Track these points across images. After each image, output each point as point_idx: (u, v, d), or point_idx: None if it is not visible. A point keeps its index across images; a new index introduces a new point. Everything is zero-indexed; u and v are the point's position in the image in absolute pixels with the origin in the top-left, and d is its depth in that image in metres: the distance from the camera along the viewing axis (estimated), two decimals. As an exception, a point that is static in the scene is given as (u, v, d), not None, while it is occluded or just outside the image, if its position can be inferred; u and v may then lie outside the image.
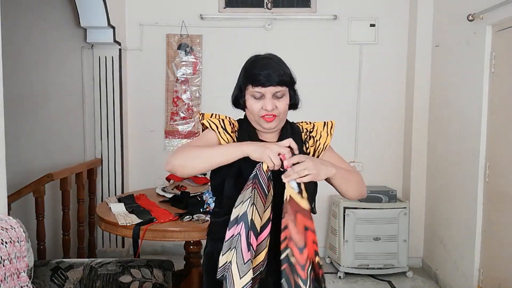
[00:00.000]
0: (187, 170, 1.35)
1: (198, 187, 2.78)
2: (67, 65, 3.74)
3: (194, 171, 1.36)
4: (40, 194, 2.90)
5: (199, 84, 3.86)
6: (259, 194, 1.28)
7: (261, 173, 1.29)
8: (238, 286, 1.24)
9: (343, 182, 1.41)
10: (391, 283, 3.39)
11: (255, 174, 1.30)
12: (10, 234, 1.72)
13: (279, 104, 1.41)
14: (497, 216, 2.65)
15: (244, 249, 1.23)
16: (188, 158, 1.34)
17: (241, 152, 1.30)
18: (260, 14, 3.79)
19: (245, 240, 1.24)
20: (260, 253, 1.29)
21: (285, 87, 1.43)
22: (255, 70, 1.41)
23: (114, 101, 3.67)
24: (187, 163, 1.34)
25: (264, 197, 1.29)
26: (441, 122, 3.39)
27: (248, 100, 1.44)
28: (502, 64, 2.62)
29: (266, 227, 1.30)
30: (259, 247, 1.29)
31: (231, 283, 1.25)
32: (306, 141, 1.51)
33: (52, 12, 3.70)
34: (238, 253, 1.24)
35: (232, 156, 1.31)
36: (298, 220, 1.26)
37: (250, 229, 1.24)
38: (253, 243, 1.25)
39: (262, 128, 1.46)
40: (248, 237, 1.24)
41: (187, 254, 2.72)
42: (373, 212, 3.42)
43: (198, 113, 1.51)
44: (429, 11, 3.54)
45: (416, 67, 3.61)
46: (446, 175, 3.29)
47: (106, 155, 3.71)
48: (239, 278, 1.24)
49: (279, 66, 1.42)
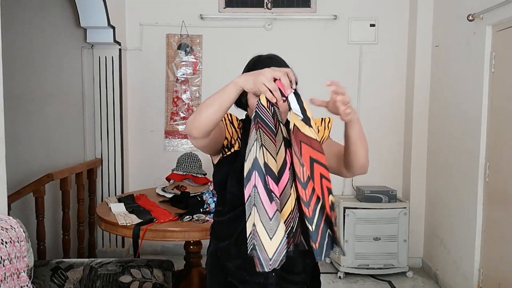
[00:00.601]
0: (197, 123, 1.23)
1: (198, 187, 2.78)
2: (67, 65, 3.74)
3: (203, 123, 1.22)
4: (40, 194, 2.90)
5: (199, 84, 3.86)
6: (266, 133, 1.13)
7: (261, 110, 1.16)
8: (271, 250, 1.08)
9: (360, 136, 1.28)
10: (391, 283, 3.38)
11: (255, 113, 1.17)
12: (10, 234, 1.72)
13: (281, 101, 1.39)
14: (497, 216, 2.65)
15: (266, 201, 1.07)
16: (196, 113, 1.25)
17: (235, 87, 1.20)
18: (260, 14, 3.79)
19: (264, 189, 1.08)
20: (286, 204, 1.13)
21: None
22: (258, 68, 1.39)
23: (114, 101, 3.67)
24: (195, 117, 1.24)
25: (273, 135, 1.14)
26: (441, 122, 3.39)
27: (250, 98, 1.43)
28: (502, 64, 2.62)
29: (284, 170, 1.14)
30: (283, 196, 1.12)
31: (261, 249, 1.08)
32: None
33: (52, 12, 3.70)
34: (260, 209, 1.08)
35: (229, 93, 1.21)
36: (303, 151, 1.11)
37: (266, 173, 1.09)
38: (274, 190, 1.09)
39: None
40: (266, 184, 1.08)
41: (187, 254, 2.72)
42: (373, 212, 3.42)
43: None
44: (429, 11, 3.54)
45: (416, 67, 3.61)
46: (446, 175, 3.29)
47: (106, 155, 3.71)
48: (269, 239, 1.07)
49: (281, 65, 1.41)
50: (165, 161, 3.61)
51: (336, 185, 3.60)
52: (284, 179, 1.14)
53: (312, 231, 1.11)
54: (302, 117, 1.13)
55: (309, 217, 1.10)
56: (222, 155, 1.45)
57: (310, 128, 1.12)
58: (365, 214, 3.42)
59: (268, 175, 1.09)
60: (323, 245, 1.13)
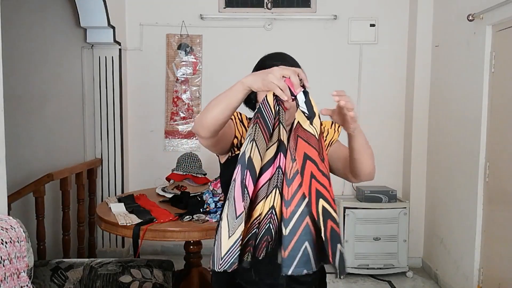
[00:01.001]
0: (204, 123, 1.20)
1: (198, 187, 2.78)
2: (67, 65, 3.74)
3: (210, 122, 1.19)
4: (40, 194, 2.90)
5: (199, 84, 3.86)
6: (261, 129, 1.09)
7: (264, 106, 1.12)
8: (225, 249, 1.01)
9: (363, 146, 1.27)
10: (391, 283, 3.38)
11: (258, 109, 1.13)
12: (10, 234, 1.72)
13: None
14: (497, 216, 2.65)
15: (238, 197, 1.01)
16: (203, 113, 1.22)
17: (242, 86, 1.14)
18: (260, 14, 3.79)
19: (239, 184, 1.02)
20: (257, 205, 1.05)
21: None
22: (267, 62, 1.40)
23: (114, 101, 3.67)
24: (203, 117, 1.20)
25: (267, 133, 1.09)
26: (441, 122, 3.39)
27: (259, 94, 1.40)
28: (502, 64, 2.62)
29: (266, 169, 1.08)
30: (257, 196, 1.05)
31: (218, 246, 1.02)
32: None
33: (52, 12, 3.70)
34: (231, 204, 1.02)
35: (236, 92, 1.16)
36: (298, 145, 1.05)
37: (247, 168, 1.03)
38: (248, 186, 1.02)
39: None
40: (243, 179, 1.02)
41: (187, 254, 2.72)
42: (373, 212, 3.42)
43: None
44: (429, 11, 3.54)
45: (416, 67, 3.61)
46: (446, 175, 3.29)
47: (106, 155, 3.71)
48: (228, 237, 1.00)
49: (291, 60, 1.42)
50: (165, 161, 3.61)
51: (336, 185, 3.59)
52: (264, 178, 1.07)
53: (285, 235, 1.00)
54: (308, 113, 1.08)
55: (286, 219, 1.00)
56: (230, 154, 1.44)
57: (310, 125, 1.07)
58: (365, 214, 3.42)
59: (248, 170, 1.03)
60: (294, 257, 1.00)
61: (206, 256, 2.97)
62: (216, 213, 2.32)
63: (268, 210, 1.04)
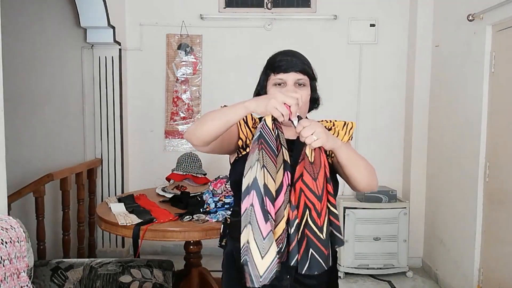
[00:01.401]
0: (198, 133, 1.27)
1: (198, 187, 2.78)
2: (67, 65, 3.74)
3: (204, 134, 1.26)
4: (40, 194, 2.90)
5: (199, 84, 3.86)
6: (268, 154, 1.19)
7: (265, 131, 1.20)
8: (262, 268, 1.13)
9: (351, 162, 1.32)
10: (391, 283, 3.39)
11: (260, 134, 1.20)
12: (10, 234, 1.72)
13: (301, 92, 1.36)
14: (497, 216, 2.65)
15: (261, 220, 1.12)
16: (199, 123, 1.29)
17: (244, 110, 1.22)
18: (260, 14, 3.79)
19: (260, 209, 1.12)
20: (279, 224, 1.18)
21: (307, 77, 1.40)
22: (278, 58, 1.40)
23: (114, 101, 3.67)
24: (197, 127, 1.28)
25: (274, 157, 1.19)
26: (441, 122, 3.39)
27: (270, 89, 1.41)
28: (502, 64, 2.62)
29: (280, 192, 1.19)
30: (277, 217, 1.17)
31: (253, 267, 1.14)
32: None
33: (52, 12, 3.70)
34: (255, 228, 1.13)
35: (236, 114, 1.23)
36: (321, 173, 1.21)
37: (265, 195, 1.14)
38: (270, 211, 1.14)
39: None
40: (263, 205, 1.13)
41: (187, 254, 2.72)
42: (373, 212, 3.42)
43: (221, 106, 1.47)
44: (429, 11, 3.54)
45: (416, 67, 3.61)
46: (446, 175, 3.29)
47: (106, 155, 3.71)
48: (261, 258, 1.13)
49: (301, 56, 1.42)
50: (165, 161, 3.61)
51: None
52: (279, 200, 1.19)
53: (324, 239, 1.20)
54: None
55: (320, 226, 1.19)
56: (237, 155, 1.45)
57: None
58: (365, 214, 3.42)
59: (266, 196, 1.14)
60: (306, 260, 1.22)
61: (206, 256, 2.98)
62: (216, 213, 2.32)
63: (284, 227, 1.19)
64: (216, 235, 2.15)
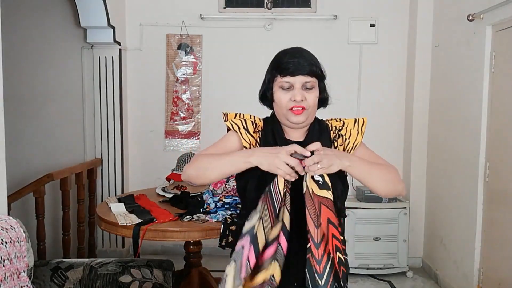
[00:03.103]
0: (200, 180, 1.34)
1: (198, 187, 2.78)
2: (67, 65, 3.74)
3: (207, 181, 1.34)
4: (40, 194, 2.90)
5: (199, 84, 3.86)
6: (269, 211, 1.21)
7: (275, 189, 1.22)
8: None
9: (365, 177, 1.30)
10: (391, 283, 3.39)
11: (269, 190, 1.23)
12: (10, 234, 1.72)
13: (308, 96, 1.35)
14: (497, 216, 2.65)
15: (244, 265, 1.17)
16: (199, 168, 1.33)
17: (248, 165, 1.24)
18: (260, 14, 3.79)
19: (246, 254, 1.17)
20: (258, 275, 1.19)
21: (315, 78, 1.37)
22: (284, 59, 1.35)
23: (114, 101, 3.67)
24: (199, 173, 1.32)
25: (274, 216, 1.22)
26: (441, 122, 3.39)
27: (276, 92, 1.37)
28: (502, 64, 2.62)
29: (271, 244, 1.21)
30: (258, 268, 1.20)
31: None
32: (335, 139, 1.43)
33: (52, 12, 3.70)
34: (237, 268, 1.17)
35: (238, 168, 1.27)
36: (322, 212, 1.20)
37: (252, 243, 1.18)
38: (250, 259, 1.18)
39: (289, 123, 1.38)
40: (247, 253, 1.18)
41: (187, 254, 2.72)
42: (373, 212, 3.42)
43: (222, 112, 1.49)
44: (429, 11, 3.53)
45: (416, 67, 3.61)
46: (446, 175, 3.29)
47: (106, 155, 3.71)
48: None
49: (309, 56, 1.38)
50: (165, 161, 3.61)
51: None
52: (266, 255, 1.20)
53: (321, 285, 1.19)
54: (322, 181, 1.21)
55: (320, 273, 1.18)
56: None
57: (328, 191, 1.20)
58: (365, 214, 3.42)
59: (252, 245, 1.17)
60: None
61: (206, 256, 2.98)
62: (216, 213, 2.31)
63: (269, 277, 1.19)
64: (216, 235, 2.15)
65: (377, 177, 1.32)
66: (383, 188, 1.34)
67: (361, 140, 1.44)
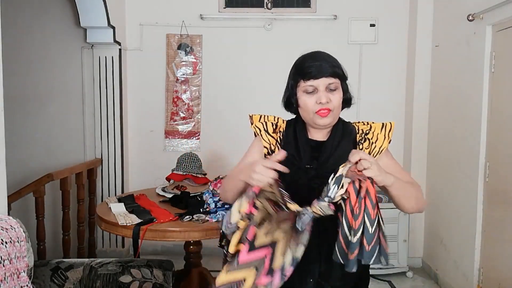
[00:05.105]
0: (227, 200, 1.46)
1: (198, 187, 2.78)
2: (67, 65, 3.74)
3: (230, 201, 1.39)
4: (40, 194, 2.90)
5: (199, 84, 3.86)
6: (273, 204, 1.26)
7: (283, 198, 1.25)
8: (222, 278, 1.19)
9: (401, 194, 1.31)
10: (391, 283, 3.39)
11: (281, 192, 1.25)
12: (10, 234, 1.72)
13: (333, 97, 1.35)
14: (497, 216, 2.65)
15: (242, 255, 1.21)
16: (222, 191, 1.48)
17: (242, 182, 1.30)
18: (260, 14, 3.79)
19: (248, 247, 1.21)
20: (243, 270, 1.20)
21: (338, 79, 1.37)
22: (306, 63, 1.35)
23: (114, 101, 3.67)
24: (223, 196, 1.47)
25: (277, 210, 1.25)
26: (441, 122, 3.39)
27: (301, 97, 1.37)
28: (502, 64, 2.62)
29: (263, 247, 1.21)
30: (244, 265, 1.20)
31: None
32: (360, 142, 1.43)
33: (52, 12, 3.71)
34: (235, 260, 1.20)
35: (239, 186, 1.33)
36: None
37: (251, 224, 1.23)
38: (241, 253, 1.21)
39: (316, 125, 1.38)
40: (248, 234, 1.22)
41: (187, 254, 2.72)
42: (373, 212, 3.41)
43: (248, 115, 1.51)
44: (429, 11, 3.53)
45: (416, 67, 3.61)
46: (446, 175, 3.29)
47: (106, 155, 3.71)
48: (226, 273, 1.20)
49: (330, 58, 1.38)
50: (165, 161, 3.61)
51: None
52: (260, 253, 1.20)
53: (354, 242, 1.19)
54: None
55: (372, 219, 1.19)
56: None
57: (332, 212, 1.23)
58: (365, 214, 3.41)
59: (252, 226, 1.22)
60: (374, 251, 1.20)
61: (206, 256, 2.98)
62: (216, 213, 2.32)
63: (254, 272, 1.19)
64: (216, 235, 2.15)
65: (410, 197, 1.35)
66: (411, 207, 1.37)
67: (387, 145, 1.45)
